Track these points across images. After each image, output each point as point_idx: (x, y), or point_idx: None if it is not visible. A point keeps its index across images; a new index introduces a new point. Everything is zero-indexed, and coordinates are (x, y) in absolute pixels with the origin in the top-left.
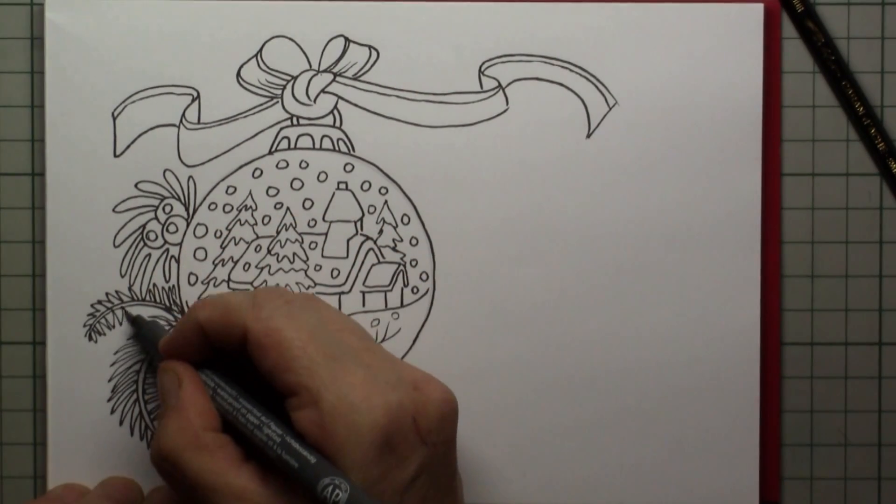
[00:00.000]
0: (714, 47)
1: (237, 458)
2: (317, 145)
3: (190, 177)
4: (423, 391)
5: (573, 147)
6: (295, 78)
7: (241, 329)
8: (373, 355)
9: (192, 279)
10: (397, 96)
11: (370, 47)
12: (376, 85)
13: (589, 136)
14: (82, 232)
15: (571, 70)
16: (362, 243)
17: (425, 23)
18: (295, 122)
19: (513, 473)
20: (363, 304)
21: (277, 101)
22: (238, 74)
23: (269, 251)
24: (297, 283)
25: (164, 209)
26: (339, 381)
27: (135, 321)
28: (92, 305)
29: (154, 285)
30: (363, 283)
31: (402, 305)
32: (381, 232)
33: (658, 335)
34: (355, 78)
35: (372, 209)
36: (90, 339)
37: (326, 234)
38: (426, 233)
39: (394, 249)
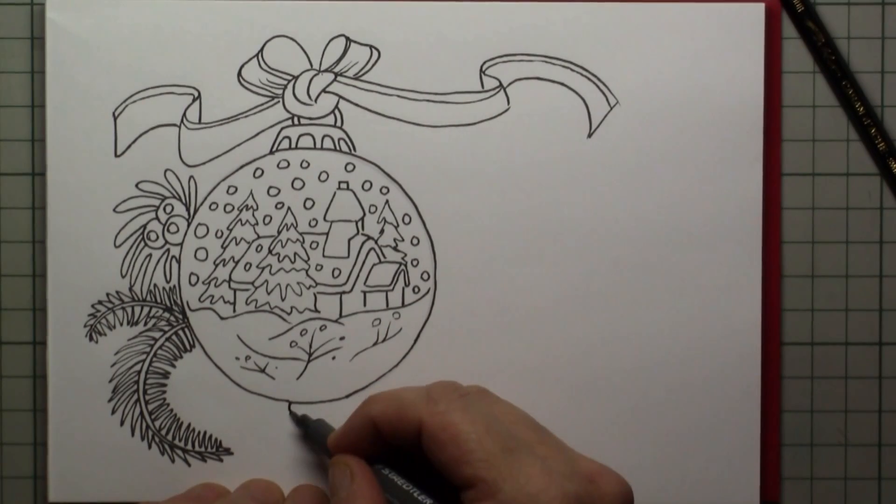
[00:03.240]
0: (715, 47)
1: None
2: (318, 145)
3: (191, 177)
4: (598, 484)
5: (574, 147)
6: (296, 78)
7: (415, 423)
8: (548, 447)
9: (193, 279)
10: (398, 96)
11: (371, 47)
12: (377, 85)
13: (590, 135)
14: (83, 232)
15: (572, 70)
16: (363, 243)
17: (426, 22)
18: (296, 121)
19: None
20: (364, 304)
21: (278, 101)
22: (239, 74)
23: (270, 251)
24: (298, 283)
25: (164, 209)
26: (516, 473)
27: (301, 421)
28: (93, 306)
29: (155, 285)
30: (364, 283)
31: (403, 305)
32: (382, 231)
33: (659, 335)
34: (356, 78)
35: (373, 209)
36: (91, 339)
37: (327, 234)
38: (427, 232)
39: (395, 249)
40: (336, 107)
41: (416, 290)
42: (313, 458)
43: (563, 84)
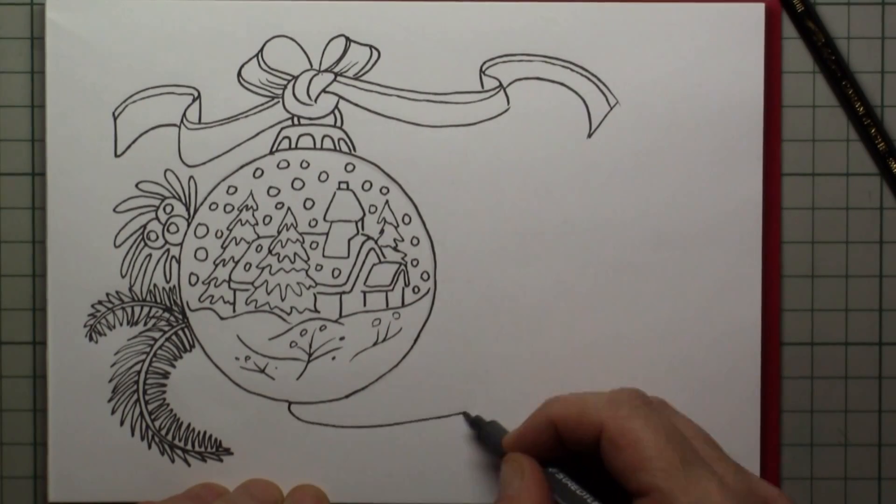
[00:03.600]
0: (715, 47)
1: None
2: (318, 145)
3: (191, 177)
4: None
5: (574, 147)
6: (296, 78)
7: (596, 426)
8: (725, 466)
9: (193, 279)
10: (398, 96)
11: (371, 47)
12: (377, 85)
13: (590, 135)
14: (83, 232)
15: (572, 70)
16: (363, 243)
17: (426, 23)
18: (296, 121)
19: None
20: (364, 304)
21: (278, 101)
22: (239, 74)
23: (269, 251)
24: (298, 283)
25: (164, 209)
26: (693, 486)
27: (475, 422)
28: (92, 305)
29: (155, 285)
30: (364, 283)
31: (403, 305)
32: (382, 232)
33: (659, 335)
34: (356, 78)
35: (373, 209)
36: (91, 339)
37: (327, 234)
38: (427, 232)
39: (395, 249)
40: (336, 107)
41: (416, 290)
42: (313, 458)
43: (563, 84)
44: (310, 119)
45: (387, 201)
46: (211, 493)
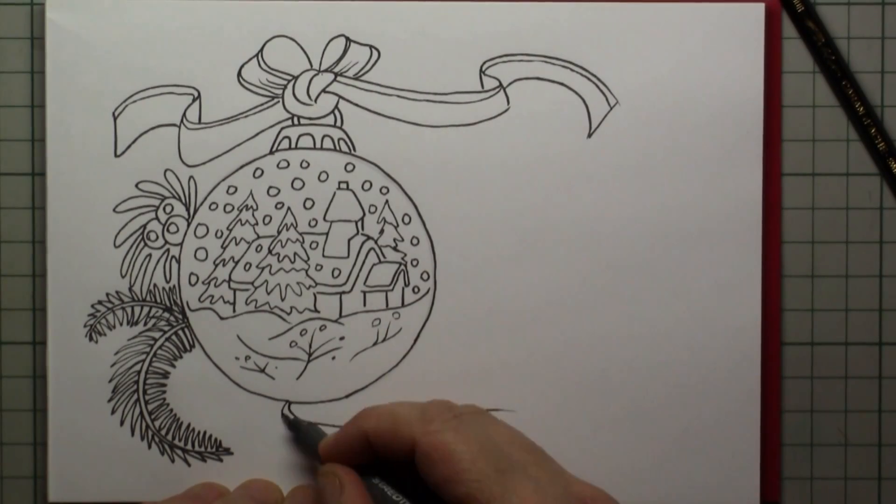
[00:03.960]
0: (715, 47)
1: None
2: (318, 145)
3: (191, 177)
4: None
5: (574, 146)
6: (296, 78)
7: (409, 441)
8: (541, 469)
9: (193, 279)
10: (398, 96)
11: (371, 47)
12: (377, 84)
13: (590, 135)
14: (83, 232)
15: (572, 70)
16: (363, 243)
17: (426, 22)
18: (296, 121)
19: None
20: (364, 304)
21: (278, 101)
22: (239, 74)
23: (269, 251)
24: (298, 283)
25: (164, 209)
26: (508, 493)
27: (293, 424)
28: (92, 306)
29: (154, 285)
30: (364, 283)
31: (403, 305)
32: (381, 231)
33: (658, 335)
34: (356, 78)
35: (373, 209)
36: (90, 339)
37: (327, 234)
38: (427, 232)
39: (395, 249)
40: (336, 107)
41: (416, 290)
42: (311, 460)
43: (563, 84)
44: (310, 119)
45: (387, 201)
46: (211, 493)
